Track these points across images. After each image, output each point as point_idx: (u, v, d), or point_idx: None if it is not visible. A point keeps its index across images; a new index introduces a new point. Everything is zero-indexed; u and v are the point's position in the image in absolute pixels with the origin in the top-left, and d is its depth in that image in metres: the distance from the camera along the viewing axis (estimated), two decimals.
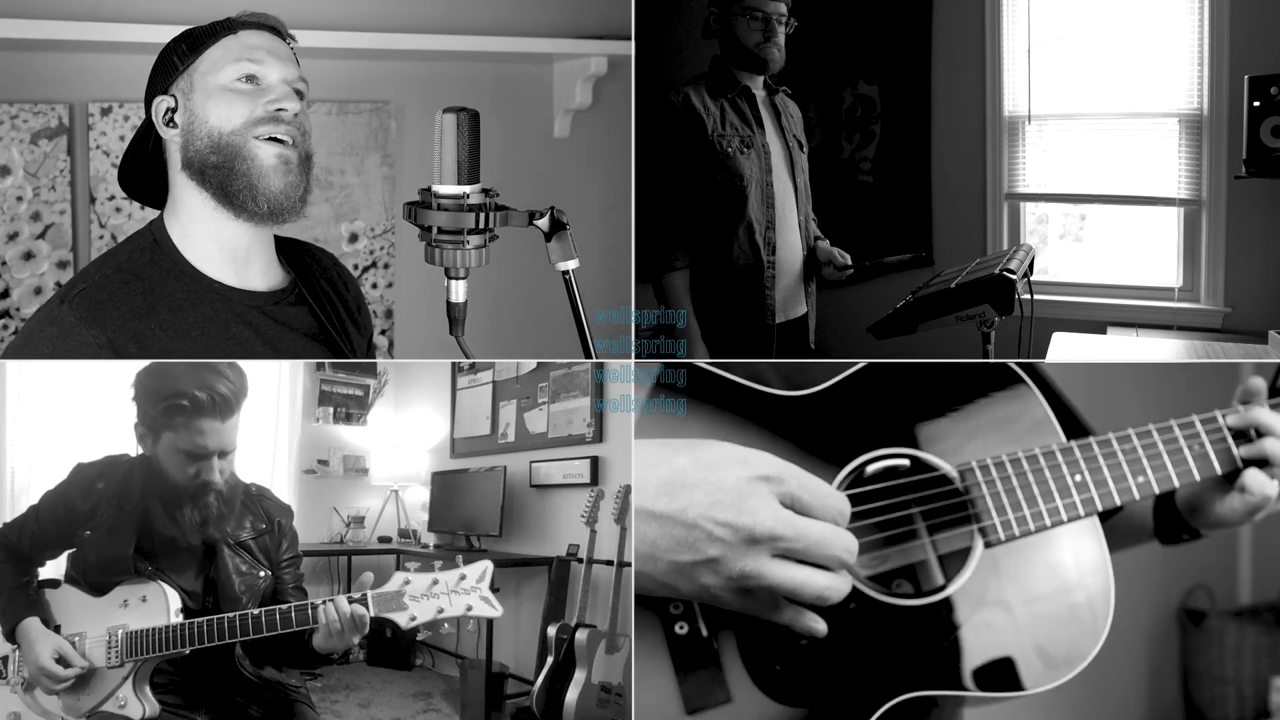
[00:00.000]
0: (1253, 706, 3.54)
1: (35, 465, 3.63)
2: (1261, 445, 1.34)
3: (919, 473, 1.31)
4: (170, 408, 1.74)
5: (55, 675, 1.76)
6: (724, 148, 2.45)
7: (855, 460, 1.29)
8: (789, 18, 2.52)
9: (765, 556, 1.11)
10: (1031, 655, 1.28)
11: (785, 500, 1.13)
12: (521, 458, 3.98)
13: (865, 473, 1.29)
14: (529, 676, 3.46)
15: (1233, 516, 1.37)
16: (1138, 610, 3.62)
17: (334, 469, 4.78)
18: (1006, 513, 1.29)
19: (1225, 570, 3.78)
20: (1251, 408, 1.36)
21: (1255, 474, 1.33)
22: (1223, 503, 1.37)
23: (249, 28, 1.53)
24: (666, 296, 2.48)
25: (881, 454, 1.29)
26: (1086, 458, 1.31)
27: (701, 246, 2.50)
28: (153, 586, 1.80)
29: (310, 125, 1.53)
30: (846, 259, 2.64)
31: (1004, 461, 1.30)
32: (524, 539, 3.93)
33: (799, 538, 1.11)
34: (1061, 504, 1.30)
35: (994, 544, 1.29)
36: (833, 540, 1.12)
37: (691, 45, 2.72)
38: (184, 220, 1.53)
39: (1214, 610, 3.67)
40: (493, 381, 4.26)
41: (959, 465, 1.31)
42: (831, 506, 1.14)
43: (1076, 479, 1.31)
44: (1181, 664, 3.73)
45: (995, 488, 1.30)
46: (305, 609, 1.68)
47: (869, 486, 1.29)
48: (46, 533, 1.89)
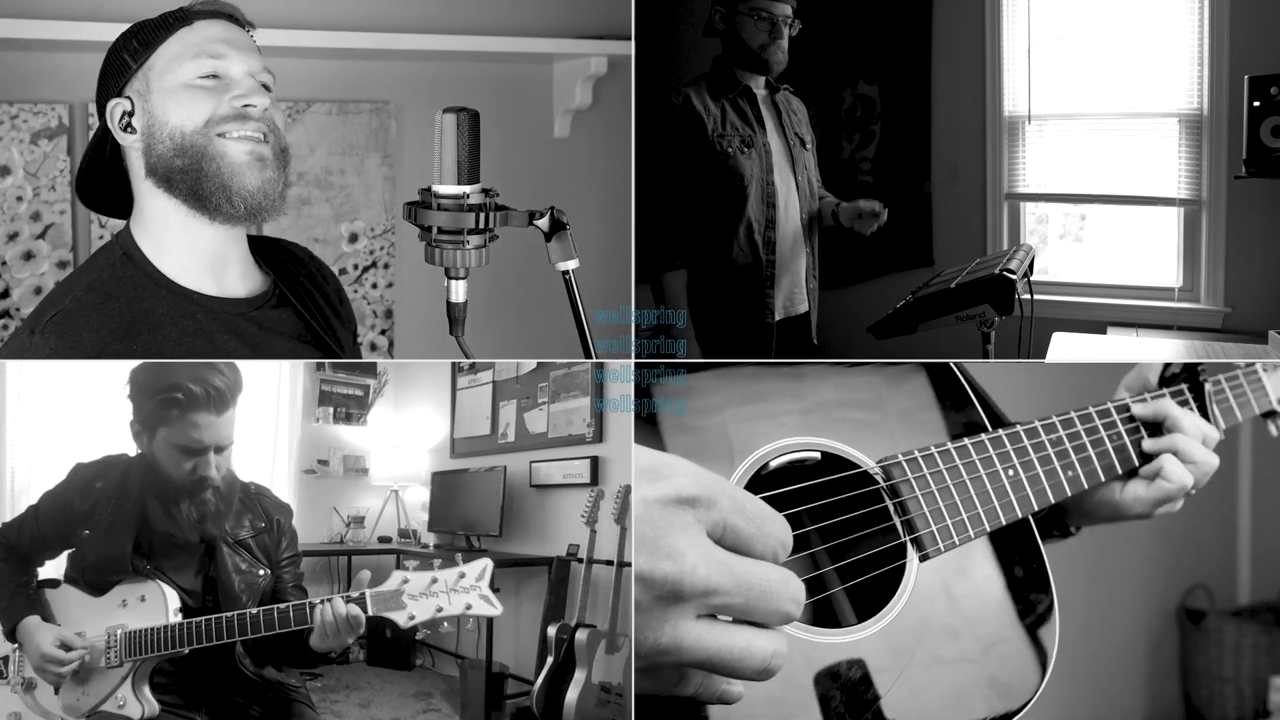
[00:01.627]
0: (1252, 706, 3.54)
1: (35, 465, 3.63)
2: (1173, 440, 1.30)
3: (833, 469, 1.07)
4: (164, 401, 1.73)
5: (59, 659, 1.75)
6: (724, 148, 2.45)
7: (753, 453, 1.02)
8: (794, 19, 2.51)
9: (690, 619, 0.78)
10: (986, 691, 1.06)
11: (717, 532, 0.79)
12: (521, 458, 3.98)
13: (768, 468, 1.04)
14: (529, 676, 3.46)
15: (1136, 505, 1.31)
16: (1137, 610, 3.62)
17: (334, 469, 4.78)
18: (944, 517, 1.07)
19: (1224, 570, 3.79)
20: (1161, 400, 1.33)
21: (1174, 461, 1.28)
22: (1124, 491, 1.30)
23: (204, 17, 1.39)
24: (665, 296, 2.48)
25: (786, 444, 1.04)
26: (1016, 449, 1.16)
27: (701, 247, 2.50)
28: (151, 586, 1.80)
29: (281, 118, 1.42)
30: (874, 205, 2.56)
31: (933, 454, 1.09)
32: (524, 539, 3.93)
33: (738, 589, 0.78)
34: (999, 504, 1.11)
35: (930, 556, 1.07)
36: (779, 588, 0.80)
37: (691, 45, 2.73)
38: (154, 230, 1.41)
39: (1213, 610, 3.67)
40: (493, 381, 4.26)
41: (882, 460, 1.07)
42: (773, 537, 0.81)
43: (1010, 474, 1.14)
44: (1181, 663, 3.73)
45: (928, 486, 1.07)
46: (303, 608, 1.67)
47: (773, 491, 1.03)
48: (46, 532, 1.89)
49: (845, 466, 1.08)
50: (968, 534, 1.08)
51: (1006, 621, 1.11)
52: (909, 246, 3.49)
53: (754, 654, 0.79)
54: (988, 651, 1.08)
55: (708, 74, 2.53)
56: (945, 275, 2.45)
